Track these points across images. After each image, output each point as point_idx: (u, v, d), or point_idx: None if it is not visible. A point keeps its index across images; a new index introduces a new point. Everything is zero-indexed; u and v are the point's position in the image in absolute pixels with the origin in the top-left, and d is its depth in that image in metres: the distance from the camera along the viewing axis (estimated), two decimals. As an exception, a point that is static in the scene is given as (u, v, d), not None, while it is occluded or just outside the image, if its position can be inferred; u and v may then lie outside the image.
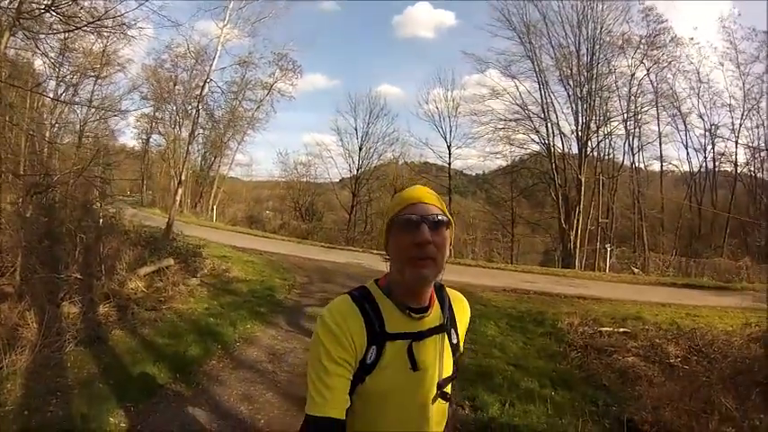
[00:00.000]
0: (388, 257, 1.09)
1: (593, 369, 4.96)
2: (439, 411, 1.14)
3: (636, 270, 17.85)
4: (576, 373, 4.90)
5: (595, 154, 23.55)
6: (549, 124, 23.66)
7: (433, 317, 1.11)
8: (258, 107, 29.05)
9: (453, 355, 1.16)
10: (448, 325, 1.15)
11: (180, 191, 15.02)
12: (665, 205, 24.76)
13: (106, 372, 4.17)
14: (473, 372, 4.75)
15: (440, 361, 1.11)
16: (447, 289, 1.21)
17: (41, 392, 3.64)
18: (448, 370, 1.13)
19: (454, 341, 1.17)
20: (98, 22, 5.14)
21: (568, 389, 4.39)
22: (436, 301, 1.14)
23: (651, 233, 23.90)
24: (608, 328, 6.36)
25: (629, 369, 4.84)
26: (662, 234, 24.05)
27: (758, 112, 22.27)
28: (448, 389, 1.14)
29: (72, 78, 14.77)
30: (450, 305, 1.19)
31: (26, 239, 5.20)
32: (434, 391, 1.10)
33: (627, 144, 24.37)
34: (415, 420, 1.09)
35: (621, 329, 6.36)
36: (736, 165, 23.71)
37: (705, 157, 24.41)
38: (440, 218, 1.03)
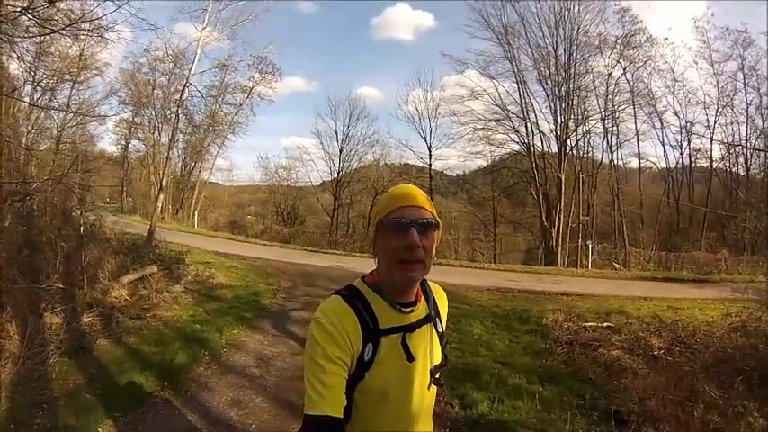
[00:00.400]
0: (375, 255, 1.12)
1: (579, 364, 5.04)
2: (431, 396, 1.19)
3: (617, 265, 18.16)
4: (563, 369, 4.97)
5: (575, 152, 23.94)
6: (528, 124, 23.99)
7: (421, 309, 1.16)
8: (238, 111, 28.73)
9: (440, 342, 1.21)
10: (434, 315, 1.20)
11: (161, 197, 14.79)
12: (643, 201, 25.28)
13: (92, 382, 4.11)
14: (461, 370, 4.79)
15: (430, 349, 1.15)
16: (428, 282, 1.25)
17: (27, 405, 3.57)
18: (438, 357, 1.18)
19: (440, 330, 1.22)
20: (75, 25, 5.03)
21: (555, 384, 4.46)
22: (422, 295, 1.19)
23: (631, 229, 24.32)
24: (592, 324, 6.46)
25: (614, 362, 4.92)
26: (642, 229, 24.49)
27: (732, 109, 22.99)
28: (438, 374, 1.18)
29: (48, 83, 14.38)
30: (433, 296, 1.24)
31: (5, 249, 5.07)
32: (428, 378, 1.14)
33: (605, 142, 24.83)
34: (413, 408, 1.13)
35: (605, 324, 6.46)
36: (711, 160, 24.46)
37: (681, 154, 25.06)
38: (429, 221, 1.06)
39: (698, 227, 23.35)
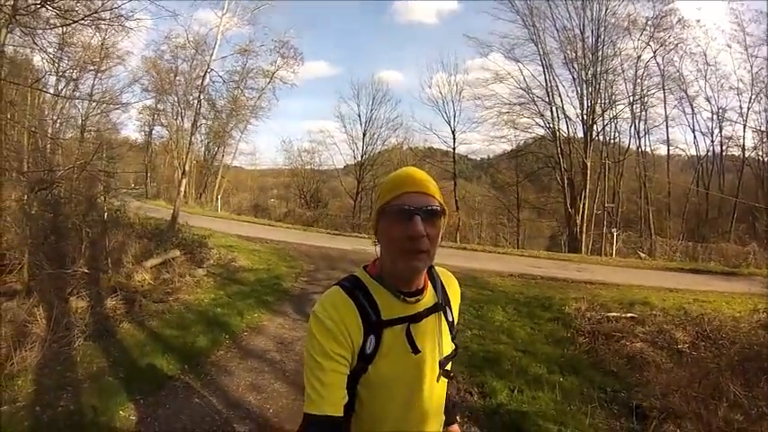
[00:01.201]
0: (377, 242, 1.07)
1: (601, 355, 4.95)
2: (442, 389, 1.15)
3: (643, 255, 17.72)
4: (584, 359, 4.89)
5: (601, 138, 23.20)
6: (553, 108, 23.31)
7: (428, 298, 1.10)
8: (260, 96, 28.78)
9: (451, 332, 1.16)
10: (442, 303, 1.14)
11: (184, 182, 14.95)
12: (671, 189, 24.35)
13: (115, 365, 4.21)
14: (481, 358, 4.78)
15: (439, 340, 1.10)
16: (436, 267, 1.20)
17: (52, 387, 3.68)
18: (447, 348, 1.13)
19: (450, 319, 1.17)
20: (95, 15, 5.11)
21: (576, 375, 4.39)
22: (429, 282, 1.13)
23: (658, 218, 23.58)
24: (615, 314, 6.31)
25: (637, 355, 4.81)
26: (669, 219, 23.70)
27: (767, 96, 21.81)
28: (449, 366, 1.14)
29: (72, 73, 14.75)
30: (442, 283, 1.19)
31: (32, 236, 5.23)
32: (437, 370, 1.10)
33: (633, 128, 23.91)
34: (421, 400, 1.09)
35: (629, 315, 6.30)
36: (743, 149, 23.24)
37: (712, 141, 23.88)
38: (435, 208, 0.99)
39: (727, 218, 22.48)
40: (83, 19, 5.01)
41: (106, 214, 7.56)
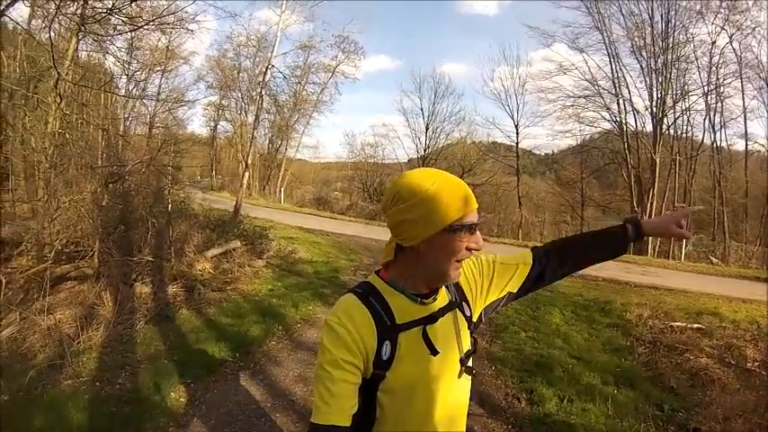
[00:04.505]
0: (420, 249, 1.00)
1: (661, 368, 4.61)
2: (465, 386, 1.15)
3: (714, 260, 16.41)
4: (642, 372, 4.59)
5: (672, 132, 21.52)
6: (620, 100, 21.95)
7: (442, 297, 1.10)
8: (322, 90, 29.28)
9: (469, 327, 1.15)
10: (457, 300, 1.14)
11: (246, 174, 15.50)
12: (749, 189, 22.21)
13: (172, 349, 4.45)
14: (533, 362, 4.63)
15: (457, 337, 1.10)
16: None
17: (113, 366, 3.96)
18: (467, 344, 1.13)
19: (468, 314, 1.16)
20: (159, 20, 5.40)
21: (632, 388, 4.13)
22: None
23: (733, 220, 21.58)
24: (680, 323, 5.90)
25: (701, 371, 4.44)
26: (745, 221, 21.63)
27: None
28: (470, 362, 1.13)
29: (140, 74, 15.79)
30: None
31: (103, 226, 5.62)
32: (458, 367, 1.09)
33: (707, 121, 21.70)
34: (444, 401, 1.08)
35: (695, 325, 5.87)
36: (831, 144, 20.83)
37: None
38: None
39: (812, 222, 20.30)
40: (148, 24, 5.31)
41: (170, 206, 7.94)
